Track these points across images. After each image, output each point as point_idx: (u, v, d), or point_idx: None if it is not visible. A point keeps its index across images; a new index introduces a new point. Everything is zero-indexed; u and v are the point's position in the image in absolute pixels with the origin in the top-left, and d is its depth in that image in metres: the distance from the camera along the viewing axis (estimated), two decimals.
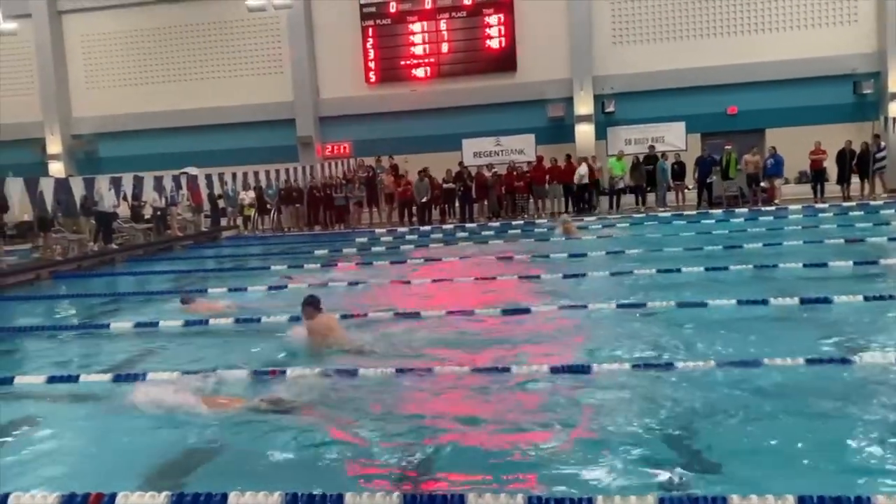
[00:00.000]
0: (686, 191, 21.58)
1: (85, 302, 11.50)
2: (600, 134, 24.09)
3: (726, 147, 21.13)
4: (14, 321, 10.23)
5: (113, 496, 4.11)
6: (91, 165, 26.36)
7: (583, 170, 21.39)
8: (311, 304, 7.26)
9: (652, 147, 22.15)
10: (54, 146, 26.94)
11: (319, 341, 7.02)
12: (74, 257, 15.82)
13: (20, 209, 18.13)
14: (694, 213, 19.51)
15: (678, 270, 10.64)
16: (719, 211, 19.46)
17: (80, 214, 16.60)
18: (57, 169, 26.31)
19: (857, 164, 20.33)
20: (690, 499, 3.76)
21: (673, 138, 23.42)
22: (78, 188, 14.67)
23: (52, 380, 6.69)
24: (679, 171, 21.39)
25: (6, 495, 4.17)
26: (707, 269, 10.61)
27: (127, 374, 6.74)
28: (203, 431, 5.30)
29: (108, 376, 6.72)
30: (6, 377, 6.81)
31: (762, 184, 20.93)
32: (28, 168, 23.68)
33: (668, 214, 19.51)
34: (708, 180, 20.92)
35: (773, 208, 19.36)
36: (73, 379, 6.69)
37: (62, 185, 14.58)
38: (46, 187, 13.77)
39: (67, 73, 27.19)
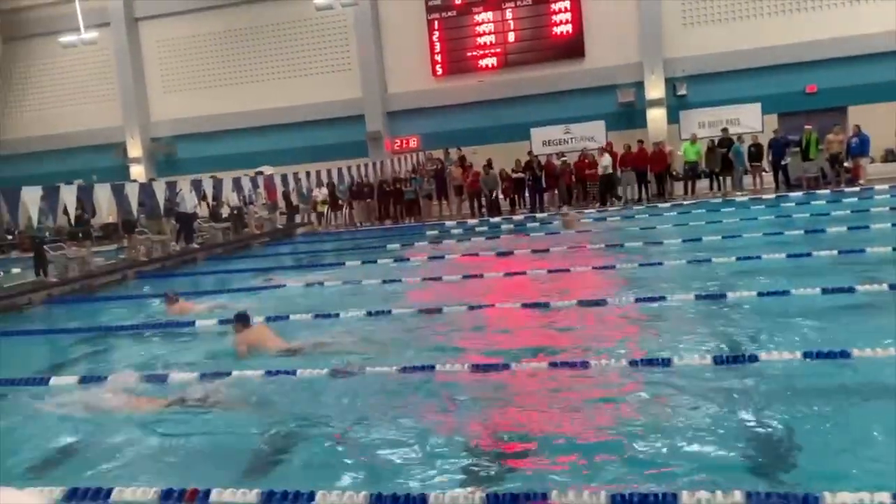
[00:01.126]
0: (764, 174, 20.91)
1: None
2: (672, 118, 23.58)
3: (806, 127, 20.36)
4: (105, 321, 10.66)
5: (208, 492, 4.28)
6: (170, 167, 27.32)
7: (605, 160, 20.99)
8: (239, 320, 7.92)
9: (725, 130, 21.53)
10: (135, 150, 27.95)
11: (244, 351, 7.68)
12: (158, 257, 16.40)
13: (106, 212, 18.93)
14: (772, 196, 18.92)
15: (758, 258, 10.36)
16: (799, 193, 18.82)
17: (163, 216, 17.21)
18: (137, 171, 27.33)
19: None
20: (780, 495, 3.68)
21: (748, 120, 22.77)
22: (161, 191, 15.19)
23: (146, 378, 6.95)
24: (756, 153, 20.74)
25: (110, 489, 4.38)
26: (788, 256, 10.29)
27: (214, 372, 6.95)
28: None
29: (195, 374, 6.94)
30: (100, 376, 7.12)
31: (846, 164, 20.13)
32: (110, 171, 24.75)
33: (745, 199, 18.98)
34: (783, 162, 20.23)
35: (857, 189, 18.58)
36: (161, 379, 6.93)
37: (146, 189, 15.13)
38: (131, 191, 14.30)
39: (145, 78, 28.14)
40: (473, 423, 5.31)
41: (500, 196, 22.03)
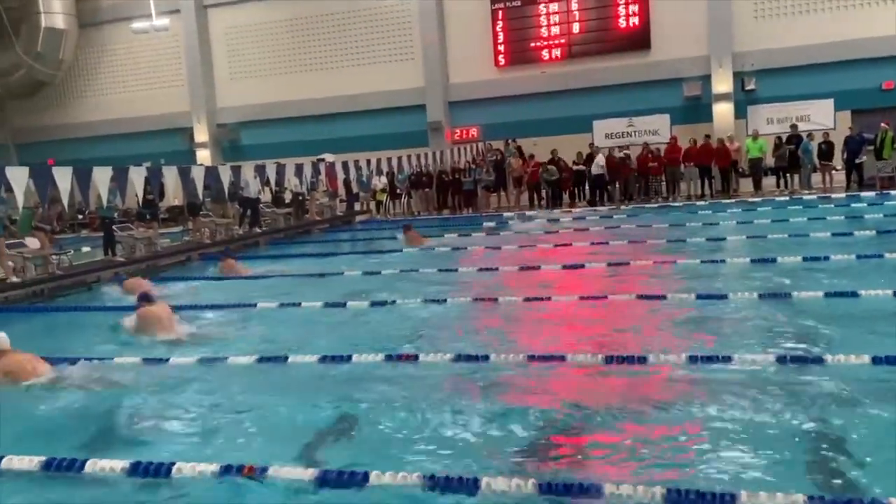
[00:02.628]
0: (834, 172, 20.25)
1: (234, 283, 12.14)
2: (740, 113, 23.02)
3: (882, 125, 19.64)
4: (171, 300, 10.93)
5: (264, 469, 4.37)
6: (234, 152, 27.88)
7: (600, 160, 20.73)
8: (144, 298, 8.47)
9: (794, 126, 20.89)
10: (201, 135, 28.57)
11: (143, 329, 8.12)
12: (221, 240, 16.77)
13: (173, 195, 19.42)
14: (843, 195, 18.34)
15: (826, 258, 10.06)
16: (871, 193, 18.19)
17: (227, 200, 17.58)
18: (203, 156, 27.99)
19: None
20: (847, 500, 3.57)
21: (819, 116, 22.07)
22: (226, 175, 15.51)
23: (202, 361, 7.13)
24: (826, 150, 20.09)
25: (172, 464, 4.51)
26: (858, 257, 9.96)
27: (272, 356, 7.07)
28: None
29: (253, 357, 7.07)
30: (163, 357, 7.33)
31: None
32: (177, 156, 25.39)
33: (813, 197, 18.44)
34: (857, 160, 19.55)
35: None
36: (222, 360, 7.09)
37: (211, 173, 15.46)
38: (197, 175, 14.64)
39: (212, 64, 28.71)
40: (528, 412, 5.30)
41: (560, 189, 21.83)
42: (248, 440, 5.16)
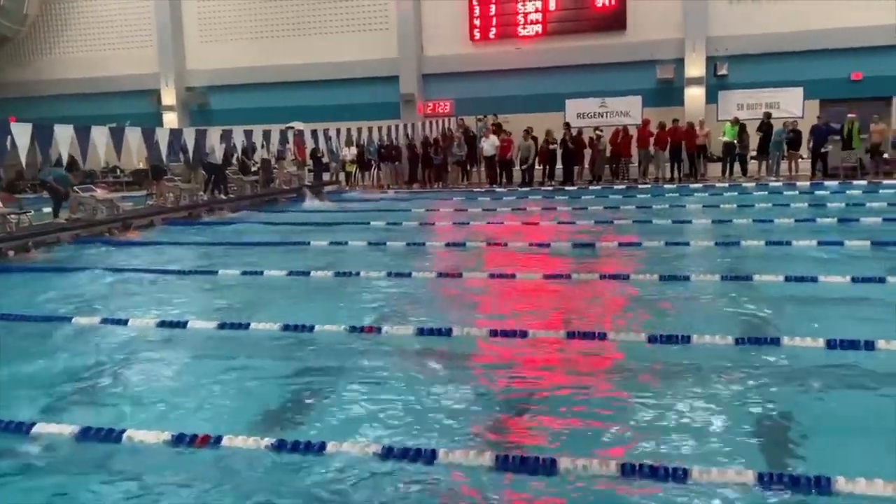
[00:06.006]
0: (800, 160, 20.53)
1: (195, 249, 12.01)
2: (711, 98, 23.14)
3: (849, 115, 19.90)
4: (127, 264, 10.76)
5: (219, 438, 4.32)
6: (203, 117, 27.38)
7: (492, 142, 21.28)
8: None
9: (768, 114, 21.05)
10: (168, 98, 28.00)
11: None
12: (186, 205, 16.52)
13: (136, 157, 19.00)
14: (807, 184, 18.59)
15: (788, 244, 10.20)
16: (835, 182, 18.47)
17: (192, 164, 17.29)
18: (170, 120, 27.43)
19: None
20: (792, 477, 3.63)
21: (789, 104, 22.29)
22: (191, 139, 15.23)
23: (162, 324, 7.03)
24: (795, 139, 20.33)
25: (122, 431, 4.44)
26: (819, 244, 10.11)
27: (232, 322, 7.00)
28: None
29: (213, 323, 7.00)
30: (121, 318, 7.21)
31: (885, 155, 19.69)
32: (143, 118, 24.68)
33: (779, 184, 18.68)
34: (823, 150, 19.81)
35: (895, 181, 18.20)
36: (181, 325, 7.00)
37: (176, 136, 15.17)
38: (161, 137, 14.36)
39: (183, 26, 28.09)
40: (489, 386, 5.32)
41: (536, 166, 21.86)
42: (204, 409, 5.10)
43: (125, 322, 7.11)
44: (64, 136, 12.07)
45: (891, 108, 21.24)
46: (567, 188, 20.08)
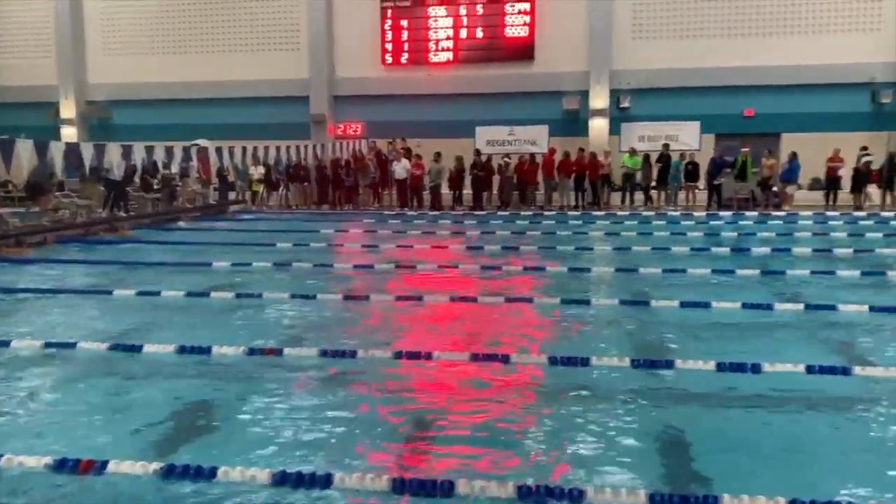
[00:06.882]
0: (696, 191, 21.45)
1: (90, 268, 11.52)
2: (614, 129, 23.97)
3: (742, 150, 20.97)
4: (17, 283, 10.22)
5: (104, 463, 4.11)
6: (104, 132, 26.39)
7: (404, 165, 21.58)
8: None
9: (667, 146, 21.98)
10: (68, 111, 26.97)
11: None
12: (82, 222, 15.84)
13: (28, 171, 18.11)
14: (703, 213, 19.41)
15: (684, 271, 10.59)
16: (729, 213, 19.35)
17: (90, 180, 16.62)
18: (69, 134, 26.40)
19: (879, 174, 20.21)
20: (682, 496, 3.73)
21: (687, 137, 23.31)
22: (88, 154, 14.64)
23: (48, 345, 6.68)
24: (692, 171, 21.25)
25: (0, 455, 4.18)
26: (713, 271, 10.54)
27: (124, 344, 6.73)
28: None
29: (105, 344, 6.71)
30: (3, 340, 6.82)
31: (774, 188, 20.81)
32: (40, 131, 23.69)
33: (677, 213, 19.43)
34: (716, 182, 20.79)
35: (783, 213, 19.22)
36: (70, 346, 6.67)
37: (73, 150, 14.56)
38: (56, 151, 13.75)
39: (85, 37, 27.15)
40: (390, 408, 5.27)
41: (445, 191, 22.03)
42: (90, 433, 4.86)
43: (7, 343, 6.72)
44: None
45: (780, 144, 22.46)
46: (476, 213, 20.31)
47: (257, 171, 22.69)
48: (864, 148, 20.53)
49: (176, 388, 5.73)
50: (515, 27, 24.59)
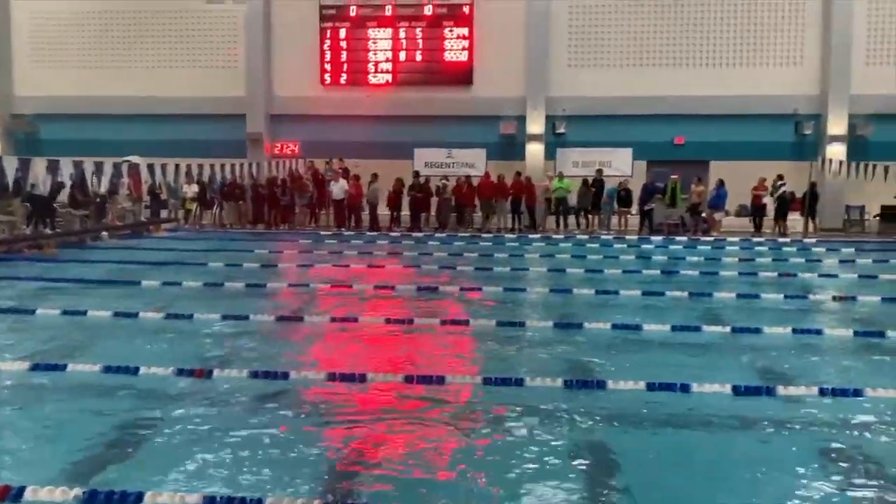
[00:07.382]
0: (629, 216, 21.95)
1: (11, 286, 11.11)
2: (550, 154, 24.36)
3: (672, 176, 21.58)
4: None
5: (21, 489, 3.95)
6: (31, 147, 25.46)
7: (341, 185, 21.70)
8: None
9: (600, 171, 22.48)
10: None
11: None
12: (4, 239, 15.28)
13: None
14: (635, 238, 19.85)
15: (616, 293, 10.79)
16: (659, 238, 19.84)
17: (14, 196, 16.06)
18: None
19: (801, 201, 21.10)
20: None
21: (620, 164, 23.85)
22: (11, 168, 14.16)
23: None
24: (625, 196, 21.75)
25: None
26: (644, 294, 10.77)
27: (46, 363, 6.50)
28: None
29: (26, 364, 6.47)
30: None
31: (703, 214, 21.46)
32: None
33: (610, 237, 19.83)
34: (646, 207, 21.33)
35: (711, 239, 19.82)
36: None
37: None
38: None
39: (11, 48, 26.30)
40: (323, 431, 5.21)
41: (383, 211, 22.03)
42: (7, 458, 4.66)
43: None
44: None
45: (709, 171, 23.18)
46: (414, 234, 20.34)
47: (191, 189, 22.28)
48: (780, 177, 21.41)
49: (101, 409, 5.55)
50: (454, 52, 24.84)
